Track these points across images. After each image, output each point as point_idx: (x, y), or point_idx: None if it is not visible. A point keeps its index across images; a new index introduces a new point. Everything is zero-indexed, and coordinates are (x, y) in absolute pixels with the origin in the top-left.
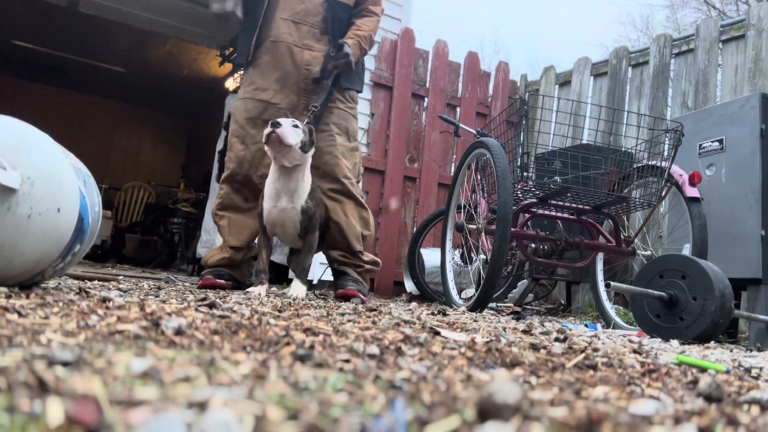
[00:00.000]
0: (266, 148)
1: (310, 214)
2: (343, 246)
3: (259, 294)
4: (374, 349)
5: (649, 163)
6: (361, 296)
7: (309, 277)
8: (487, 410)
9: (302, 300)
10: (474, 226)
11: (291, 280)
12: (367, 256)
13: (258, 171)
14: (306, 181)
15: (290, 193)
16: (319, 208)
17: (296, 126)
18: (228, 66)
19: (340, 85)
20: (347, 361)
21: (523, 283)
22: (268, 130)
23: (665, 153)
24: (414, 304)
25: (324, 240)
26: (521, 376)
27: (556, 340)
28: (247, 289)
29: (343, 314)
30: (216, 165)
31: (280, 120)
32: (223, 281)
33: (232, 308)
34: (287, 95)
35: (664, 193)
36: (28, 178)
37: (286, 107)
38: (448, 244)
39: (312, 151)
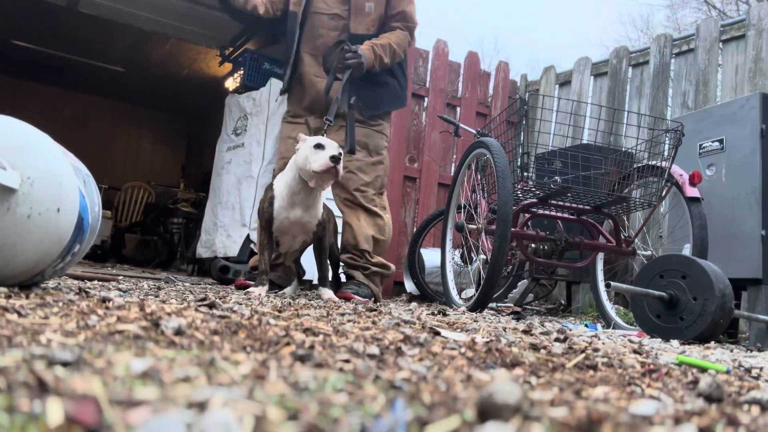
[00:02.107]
0: (314, 175)
1: (324, 224)
2: (352, 246)
3: (260, 295)
4: (374, 349)
5: (650, 163)
6: (357, 297)
7: (308, 278)
8: (487, 410)
9: (334, 302)
10: (474, 226)
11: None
12: (376, 258)
13: None
14: (321, 197)
15: (306, 207)
16: (330, 218)
17: (341, 154)
18: (228, 66)
19: (362, 112)
20: (347, 361)
21: (523, 283)
22: (329, 163)
23: (665, 153)
24: (414, 304)
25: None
26: (521, 377)
27: (557, 340)
28: (248, 290)
29: (343, 314)
30: None
31: (335, 154)
32: (251, 282)
33: (232, 308)
34: (314, 120)
35: (664, 193)
36: (28, 178)
37: (313, 127)
38: (448, 244)
39: None
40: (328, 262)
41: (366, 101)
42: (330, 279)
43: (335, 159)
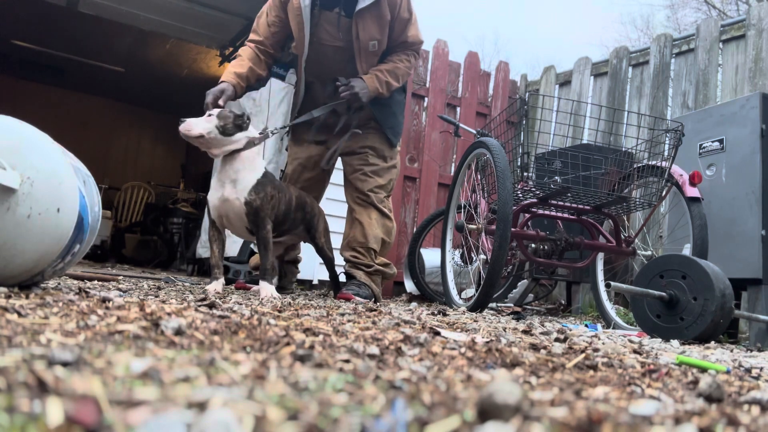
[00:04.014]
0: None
1: (254, 207)
2: (360, 243)
3: (215, 290)
4: (374, 350)
5: (650, 163)
6: (358, 298)
7: (308, 277)
8: (488, 410)
9: (275, 298)
10: (474, 226)
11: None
12: (380, 259)
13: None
14: (248, 170)
15: (232, 183)
16: (268, 204)
17: (210, 115)
18: (228, 66)
19: (391, 140)
20: (347, 361)
21: (523, 283)
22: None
23: (665, 153)
24: (414, 304)
25: (315, 240)
26: (521, 377)
27: (557, 340)
28: (206, 287)
29: (343, 314)
30: None
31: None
32: (251, 285)
33: (231, 308)
34: (332, 140)
35: (664, 193)
36: (28, 178)
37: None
38: (448, 244)
39: (247, 135)
40: (263, 254)
41: (394, 129)
42: (329, 280)
43: (180, 121)
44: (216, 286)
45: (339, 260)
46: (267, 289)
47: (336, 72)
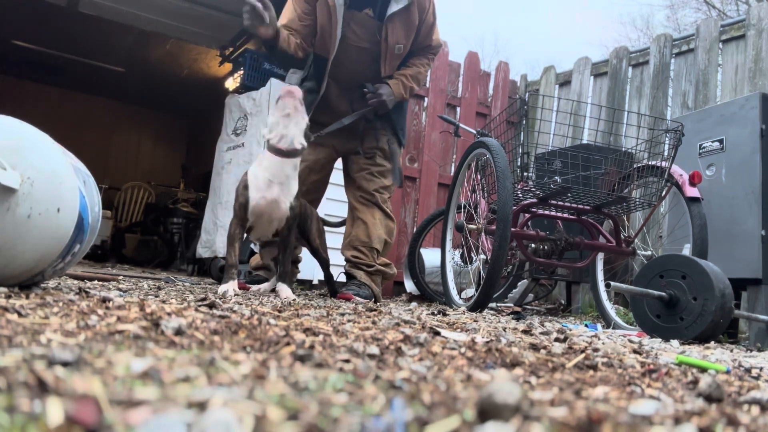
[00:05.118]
0: (280, 117)
1: (295, 213)
2: (362, 243)
3: (234, 290)
4: (374, 349)
5: (649, 163)
6: (358, 298)
7: (308, 278)
8: (487, 410)
9: (294, 300)
10: (474, 226)
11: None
12: (381, 259)
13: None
14: (296, 179)
15: (281, 186)
16: (314, 217)
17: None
18: (228, 66)
19: (392, 124)
20: (347, 361)
21: (523, 283)
22: (286, 86)
23: (665, 153)
24: (414, 304)
25: (310, 242)
26: (521, 376)
27: (556, 340)
28: (221, 287)
29: (343, 314)
30: None
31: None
32: (251, 285)
33: (232, 308)
34: (339, 143)
35: (664, 193)
36: (28, 178)
37: (341, 151)
38: (448, 244)
39: (302, 153)
40: (286, 258)
41: (404, 130)
42: (325, 280)
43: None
44: (230, 286)
45: (339, 260)
46: (286, 290)
47: (357, 72)
